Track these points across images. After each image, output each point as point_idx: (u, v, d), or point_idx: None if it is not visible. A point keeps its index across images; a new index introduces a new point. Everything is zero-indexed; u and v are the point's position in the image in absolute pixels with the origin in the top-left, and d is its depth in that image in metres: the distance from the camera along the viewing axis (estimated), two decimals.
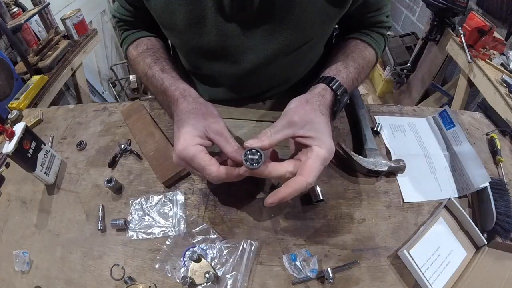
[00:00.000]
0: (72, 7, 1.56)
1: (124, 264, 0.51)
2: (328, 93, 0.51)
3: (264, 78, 0.62)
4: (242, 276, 0.48)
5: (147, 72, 0.56)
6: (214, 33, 0.53)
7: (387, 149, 0.64)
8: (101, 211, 0.56)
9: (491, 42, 1.32)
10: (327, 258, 0.50)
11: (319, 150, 0.44)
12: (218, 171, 0.44)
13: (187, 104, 0.48)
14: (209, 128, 0.46)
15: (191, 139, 0.44)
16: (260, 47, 0.55)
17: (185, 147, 0.44)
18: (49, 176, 0.61)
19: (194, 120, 0.46)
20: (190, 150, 0.44)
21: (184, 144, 0.44)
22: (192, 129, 0.45)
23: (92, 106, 0.77)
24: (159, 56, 0.59)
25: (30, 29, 1.37)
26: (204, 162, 0.44)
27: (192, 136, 0.45)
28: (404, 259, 0.49)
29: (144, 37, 0.64)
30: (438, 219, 0.54)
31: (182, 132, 0.45)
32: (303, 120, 0.45)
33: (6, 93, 1.08)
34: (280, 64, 0.59)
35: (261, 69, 0.58)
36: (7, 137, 0.54)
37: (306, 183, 0.43)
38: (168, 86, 0.52)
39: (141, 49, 0.61)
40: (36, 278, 0.51)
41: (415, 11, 2.36)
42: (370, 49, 0.61)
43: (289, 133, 0.45)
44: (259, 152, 0.43)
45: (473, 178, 0.57)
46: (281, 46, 0.55)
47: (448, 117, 0.67)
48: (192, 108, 0.48)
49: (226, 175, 0.45)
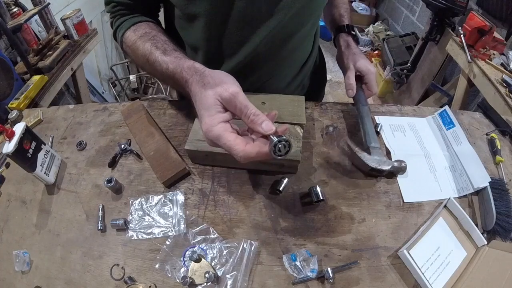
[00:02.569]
0: (72, 7, 1.56)
1: (124, 264, 0.51)
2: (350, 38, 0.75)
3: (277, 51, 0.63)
4: (242, 276, 0.48)
5: (149, 57, 0.55)
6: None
7: (387, 149, 0.64)
8: (101, 211, 0.56)
9: (491, 42, 1.32)
10: (327, 258, 0.50)
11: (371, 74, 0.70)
12: (244, 151, 0.42)
13: (196, 83, 0.47)
14: (222, 98, 0.44)
15: (212, 119, 0.43)
16: (282, 12, 0.56)
17: (208, 129, 0.43)
18: (49, 176, 0.61)
19: (207, 97, 0.45)
20: (214, 131, 0.43)
21: (207, 126, 0.43)
22: (209, 108, 0.44)
23: (92, 106, 0.77)
24: (159, 39, 0.57)
25: (30, 29, 1.37)
26: (229, 142, 0.42)
27: (212, 116, 0.44)
28: (404, 259, 0.49)
29: (143, 21, 0.62)
30: (438, 219, 0.54)
31: (203, 114, 0.45)
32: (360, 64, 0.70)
33: (6, 93, 1.08)
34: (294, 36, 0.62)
35: (277, 40, 0.60)
36: (7, 137, 0.54)
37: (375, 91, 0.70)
38: (174, 69, 0.51)
39: (139, 33, 0.59)
40: (36, 278, 0.51)
41: (415, 11, 2.37)
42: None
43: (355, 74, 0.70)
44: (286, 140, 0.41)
45: (473, 178, 0.57)
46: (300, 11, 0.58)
47: (448, 117, 0.67)
48: (202, 85, 0.46)
49: (254, 153, 0.42)
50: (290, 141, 0.41)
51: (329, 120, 0.70)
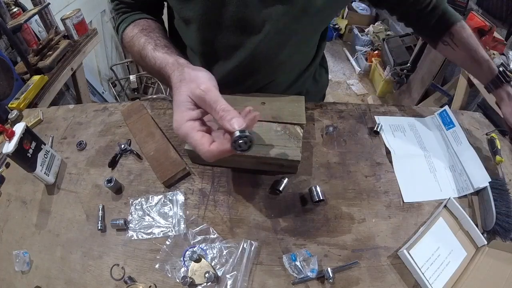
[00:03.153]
0: (72, 7, 1.56)
1: (124, 264, 0.51)
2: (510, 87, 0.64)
3: (274, 54, 0.62)
4: (242, 276, 0.48)
5: (141, 52, 0.56)
6: (234, 3, 0.53)
7: (387, 149, 0.64)
8: (101, 211, 0.56)
9: (491, 42, 1.32)
10: (327, 258, 0.50)
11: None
12: (208, 150, 0.42)
13: (175, 78, 0.47)
14: (193, 95, 0.44)
15: (181, 117, 0.43)
16: (276, 19, 0.55)
17: (177, 127, 0.43)
18: (49, 176, 0.61)
19: (180, 93, 0.44)
20: (182, 130, 0.43)
21: (176, 124, 0.43)
22: (180, 105, 0.44)
23: (92, 106, 0.77)
24: (153, 36, 0.57)
25: (30, 29, 1.37)
26: (195, 141, 0.42)
27: (181, 113, 0.43)
28: (404, 259, 0.49)
29: (141, 19, 0.63)
30: (438, 219, 0.54)
31: (174, 111, 0.44)
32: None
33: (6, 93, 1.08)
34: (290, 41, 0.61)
35: (273, 41, 0.59)
36: (7, 137, 0.54)
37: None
38: (160, 65, 0.51)
39: (136, 30, 0.60)
40: (36, 278, 0.51)
41: None
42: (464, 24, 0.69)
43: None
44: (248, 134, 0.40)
45: (473, 178, 0.57)
46: (293, 18, 0.56)
47: (448, 117, 0.67)
48: (178, 80, 0.46)
49: (218, 152, 0.42)
50: (251, 136, 0.40)
51: (329, 120, 0.70)
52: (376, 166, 0.62)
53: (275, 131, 0.59)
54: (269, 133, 0.59)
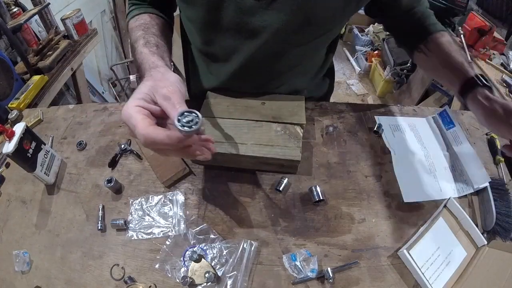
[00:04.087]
0: (72, 7, 1.56)
1: (124, 264, 0.51)
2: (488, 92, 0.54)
3: (273, 61, 0.62)
4: (242, 276, 0.48)
5: (133, 45, 0.56)
6: (232, 7, 0.53)
7: (387, 149, 0.64)
8: (101, 211, 0.56)
9: (491, 42, 1.32)
10: (327, 258, 0.50)
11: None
12: (146, 131, 0.38)
13: (148, 74, 0.46)
14: (157, 92, 0.42)
15: (133, 101, 0.41)
16: (275, 26, 0.54)
17: (125, 109, 0.41)
18: (49, 176, 0.61)
19: (144, 85, 0.43)
20: (127, 111, 0.40)
21: (125, 107, 0.41)
22: (139, 93, 0.42)
23: (92, 106, 0.77)
24: (149, 31, 0.58)
25: (30, 29, 1.37)
26: (135, 120, 0.39)
27: (135, 99, 0.41)
28: (404, 259, 0.49)
29: (147, 13, 0.63)
30: (438, 219, 0.54)
31: (130, 98, 0.43)
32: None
33: (6, 93, 1.08)
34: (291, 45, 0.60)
35: (272, 47, 0.58)
36: (7, 137, 0.54)
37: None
38: (142, 60, 0.51)
39: (138, 23, 0.60)
40: (36, 278, 0.51)
41: None
42: (446, 33, 0.63)
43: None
44: (195, 113, 0.38)
45: (473, 178, 0.57)
46: (296, 27, 0.55)
47: (448, 117, 0.67)
48: (148, 75, 0.46)
49: (156, 134, 0.38)
50: (194, 111, 0.38)
51: (329, 120, 0.70)
52: (376, 166, 0.62)
53: (275, 131, 0.59)
54: (269, 133, 0.59)
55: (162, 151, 0.41)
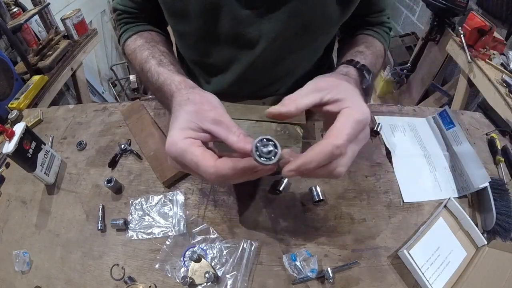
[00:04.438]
0: (72, 7, 1.56)
1: (124, 264, 0.51)
2: (352, 70, 0.48)
3: (271, 67, 0.62)
4: (242, 276, 0.48)
5: (143, 66, 0.53)
6: (228, 19, 0.52)
7: (387, 149, 0.64)
8: (101, 211, 0.56)
9: (491, 42, 1.32)
10: (327, 258, 0.50)
11: (349, 110, 0.37)
12: (215, 166, 0.34)
13: (180, 96, 0.43)
14: (204, 117, 0.38)
15: (180, 133, 0.37)
16: (271, 35, 0.54)
17: (172, 143, 0.37)
18: (49, 176, 0.61)
19: (185, 111, 0.39)
20: (178, 146, 0.36)
21: (171, 140, 0.37)
22: (182, 122, 0.38)
23: (92, 106, 0.77)
24: (157, 50, 0.55)
25: (30, 29, 1.37)
26: (196, 157, 0.35)
27: (181, 130, 0.38)
28: (404, 259, 0.49)
29: (145, 30, 0.61)
30: (438, 219, 0.54)
31: (171, 128, 0.39)
32: (331, 85, 0.40)
33: (6, 93, 1.08)
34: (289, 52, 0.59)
35: (270, 55, 0.58)
36: (7, 137, 0.54)
37: (332, 145, 0.34)
38: (164, 81, 0.48)
39: (139, 43, 0.57)
40: (36, 278, 0.51)
41: (415, 11, 2.36)
42: (377, 41, 0.62)
43: (317, 98, 0.39)
44: (272, 141, 0.34)
45: (473, 178, 0.57)
46: (292, 34, 0.54)
47: (448, 117, 0.67)
48: (185, 99, 0.41)
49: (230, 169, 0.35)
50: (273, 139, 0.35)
51: None
52: (376, 166, 0.62)
53: (274, 131, 0.59)
54: (269, 132, 0.59)
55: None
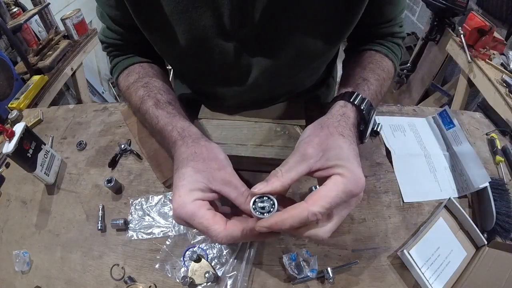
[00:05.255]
0: (72, 7, 1.56)
1: (124, 264, 0.51)
2: (350, 109, 0.44)
3: (268, 91, 0.60)
4: (242, 276, 0.48)
5: (140, 107, 0.50)
6: (216, 52, 0.49)
7: (387, 149, 0.64)
8: (101, 211, 0.56)
9: (491, 42, 1.32)
10: (327, 258, 0.50)
11: (339, 178, 0.35)
12: (226, 230, 0.35)
13: (185, 147, 0.41)
14: (213, 178, 0.38)
15: (189, 194, 0.36)
16: (262, 63, 0.51)
17: (181, 205, 0.36)
18: (49, 176, 0.61)
19: (193, 169, 0.38)
20: (187, 209, 0.36)
21: (179, 201, 0.36)
22: (190, 182, 0.37)
23: (92, 106, 0.77)
24: (153, 87, 0.52)
25: (30, 29, 1.37)
26: (206, 221, 0.35)
27: (189, 191, 0.37)
28: (404, 259, 0.49)
29: (136, 63, 0.57)
30: (438, 219, 0.54)
31: (179, 186, 0.37)
32: (319, 149, 0.38)
33: (6, 93, 1.08)
34: (284, 78, 0.57)
35: (265, 84, 0.55)
36: (7, 137, 0.54)
37: (307, 210, 0.33)
38: (164, 126, 0.46)
39: (132, 79, 0.54)
40: (36, 278, 0.51)
41: (415, 11, 2.36)
42: (387, 59, 0.56)
43: (304, 169, 0.37)
44: (270, 198, 0.36)
45: (473, 178, 0.57)
46: (285, 62, 0.51)
47: (448, 117, 0.67)
48: (191, 153, 0.40)
49: (240, 232, 0.35)
50: (271, 196, 0.36)
51: None
52: (376, 166, 0.62)
53: (274, 131, 0.59)
54: (269, 133, 0.59)
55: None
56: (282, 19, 0.45)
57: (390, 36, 0.59)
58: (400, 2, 0.54)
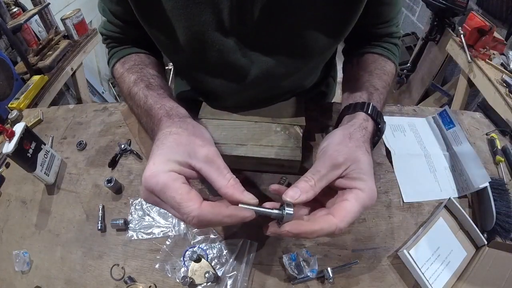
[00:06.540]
0: (72, 7, 1.56)
1: (124, 264, 0.51)
2: (370, 124, 0.45)
3: (267, 89, 0.60)
4: (242, 276, 0.48)
5: (131, 89, 0.50)
6: (215, 49, 0.49)
7: (387, 149, 0.64)
8: (101, 211, 0.56)
9: (491, 42, 1.32)
10: (327, 258, 0.50)
11: (361, 194, 0.37)
12: (200, 209, 0.31)
13: (170, 122, 0.39)
14: (194, 153, 0.35)
15: (164, 163, 0.33)
16: (262, 60, 0.51)
17: (153, 173, 0.32)
18: (49, 176, 0.61)
19: (175, 141, 0.35)
20: (159, 178, 0.32)
21: (153, 169, 0.32)
22: (168, 152, 0.34)
23: (92, 106, 0.77)
24: (146, 72, 0.52)
25: (30, 29, 1.37)
26: (179, 195, 0.31)
27: (166, 160, 0.33)
28: (404, 259, 0.49)
29: (133, 53, 0.58)
30: (438, 219, 0.54)
31: (155, 154, 0.34)
32: (349, 160, 0.38)
33: (6, 93, 1.08)
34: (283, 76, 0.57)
35: (264, 82, 0.56)
36: (7, 137, 0.54)
37: (336, 226, 0.34)
38: (152, 104, 0.45)
39: (127, 66, 0.54)
40: (36, 278, 0.51)
41: (415, 11, 2.36)
42: (389, 62, 0.57)
43: (333, 178, 0.38)
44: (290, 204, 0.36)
45: (473, 178, 0.57)
46: (283, 60, 0.51)
47: (448, 117, 0.67)
48: (176, 128, 0.38)
49: (214, 215, 0.32)
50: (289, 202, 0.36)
51: (329, 120, 0.70)
52: (376, 166, 0.62)
53: (275, 131, 0.59)
54: (269, 133, 0.59)
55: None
56: (281, 17, 0.45)
57: (388, 36, 0.60)
58: (398, 3, 0.55)
